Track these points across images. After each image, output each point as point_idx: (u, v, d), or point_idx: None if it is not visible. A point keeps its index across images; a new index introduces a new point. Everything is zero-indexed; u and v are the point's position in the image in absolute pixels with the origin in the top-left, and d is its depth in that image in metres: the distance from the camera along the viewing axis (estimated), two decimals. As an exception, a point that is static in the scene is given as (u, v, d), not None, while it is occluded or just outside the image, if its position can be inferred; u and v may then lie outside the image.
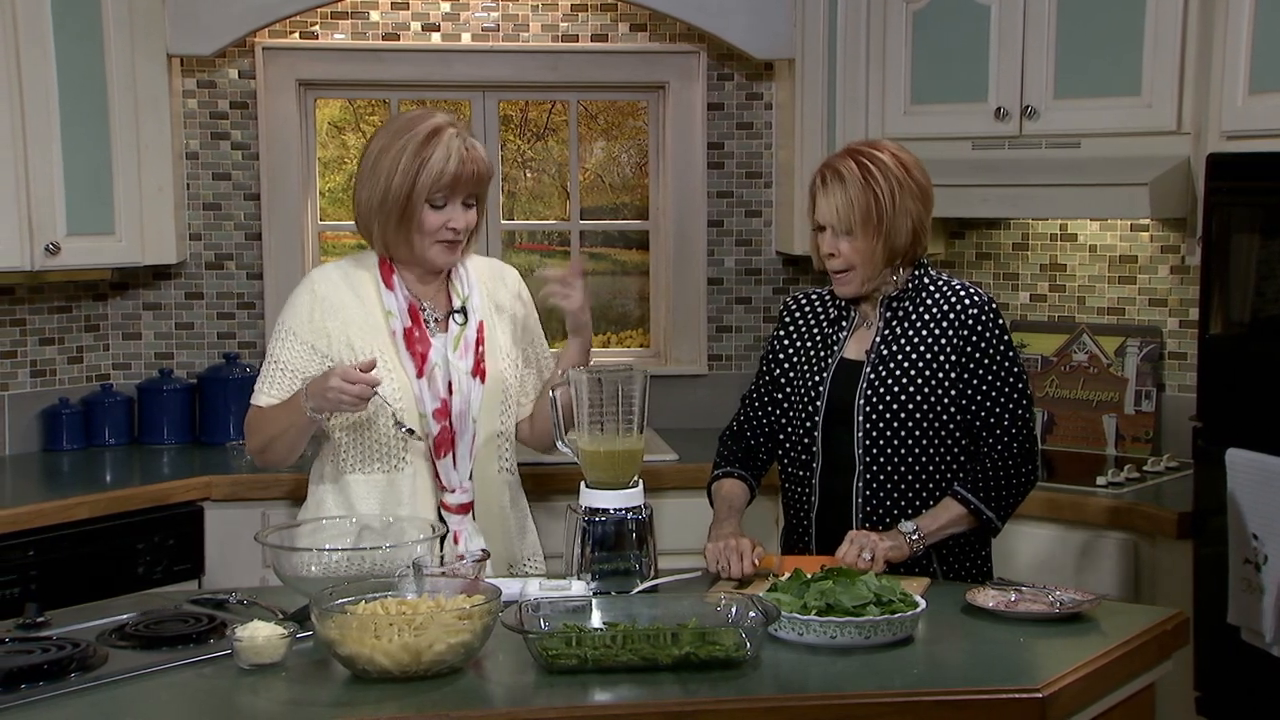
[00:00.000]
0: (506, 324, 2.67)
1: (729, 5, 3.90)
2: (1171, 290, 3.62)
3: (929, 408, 2.46)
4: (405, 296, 2.56)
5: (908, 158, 2.48)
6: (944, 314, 2.48)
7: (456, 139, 2.50)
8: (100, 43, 3.52)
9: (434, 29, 4.04)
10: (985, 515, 2.43)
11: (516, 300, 2.70)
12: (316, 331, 2.54)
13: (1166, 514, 3.00)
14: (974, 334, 2.46)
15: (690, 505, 3.57)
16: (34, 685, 1.87)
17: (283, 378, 2.54)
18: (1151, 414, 3.60)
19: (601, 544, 2.33)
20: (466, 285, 2.63)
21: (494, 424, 2.60)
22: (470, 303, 2.61)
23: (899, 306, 2.50)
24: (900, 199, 2.42)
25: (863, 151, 2.46)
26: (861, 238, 2.42)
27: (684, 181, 4.16)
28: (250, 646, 1.96)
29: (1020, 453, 2.46)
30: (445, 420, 2.53)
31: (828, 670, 1.97)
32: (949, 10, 3.55)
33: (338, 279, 2.60)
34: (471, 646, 1.93)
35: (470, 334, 2.58)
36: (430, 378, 2.52)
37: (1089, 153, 3.35)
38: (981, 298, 2.49)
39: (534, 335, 2.73)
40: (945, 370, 2.46)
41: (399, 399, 2.50)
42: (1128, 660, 2.07)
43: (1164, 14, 3.21)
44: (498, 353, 2.62)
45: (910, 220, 2.44)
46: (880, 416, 2.46)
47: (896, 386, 2.46)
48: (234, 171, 3.99)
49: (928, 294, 2.50)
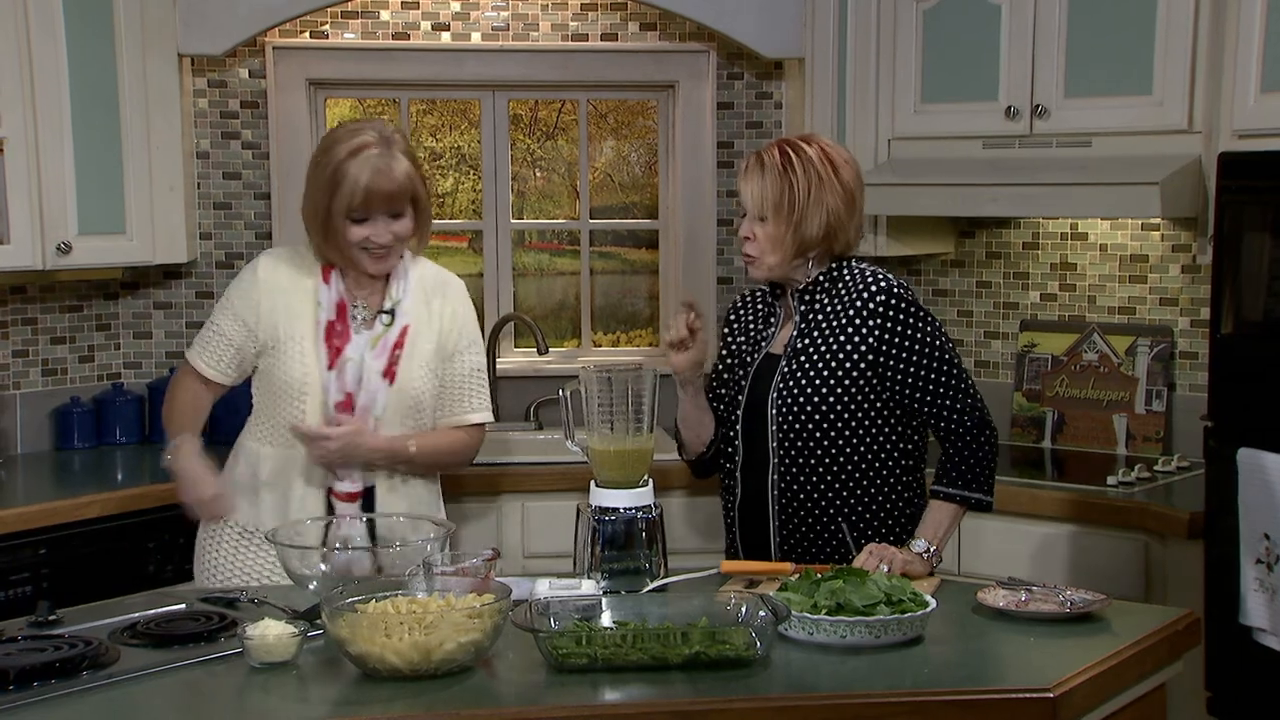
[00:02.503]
0: (434, 335, 2.69)
1: (739, 4, 3.90)
2: (1183, 289, 3.61)
3: (836, 401, 2.46)
4: (338, 293, 2.65)
5: (837, 155, 2.51)
6: (851, 303, 2.49)
7: (377, 157, 2.57)
8: (111, 42, 3.53)
9: (444, 28, 4.04)
10: (974, 499, 2.47)
11: (452, 316, 2.72)
12: (250, 308, 2.68)
13: (1178, 514, 3.00)
14: (886, 319, 2.46)
15: (700, 504, 3.58)
16: (46, 683, 1.88)
17: (215, 342, 2.70)
18: (1162, 413, 3.59)
19: (611, 543, 2.34)
20: (402, 289, 2.67)
21: (397, 428, 2.65)
22: (401, 306, 2.66)
23: (813, 299, 2.53)
24: (816, 192, 2.46)
25: (790, 142, 2.52)
26: (773, 224, 2.48)
27: (693, 180, 4.15)
28: (261, 645, 1.96)
29: (975, 424, 2.47)
30: (348, 413, 2.61)
31: (838, 670, 1.97)
32: (959, 9, 3.55)
33: (283, 263, 2.72)
34: (482, 645, 1.93)
35: (391, 336, 2.64)
36: (340, 371, 2.61)
37: (1100, 152, 3.34)
38: (889, 282, 2.49)
39: (454, 354, 2.72)
40: (862, 361, 2.46)
41: (308, 384, 2.62)
42: (1139, 660, 2.07)
43: (1175, 12, 3.21)
44: (416, 360, 2.67)
45: (824, 214, 2.46)
46: (790, 410, 2.48)
47: (805, 380, 2.48)
48: (244, 171, 4.00)
49: (841, 284, 2.52)
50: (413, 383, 2.66)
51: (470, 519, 3.38)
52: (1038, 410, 3.79)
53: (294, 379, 2.63)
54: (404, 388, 2.64)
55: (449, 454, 2.76)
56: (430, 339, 2.69)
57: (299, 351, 2.63)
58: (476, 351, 2.77)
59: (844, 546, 2.49)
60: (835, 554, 2.50)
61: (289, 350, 2.64)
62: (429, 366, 2.68)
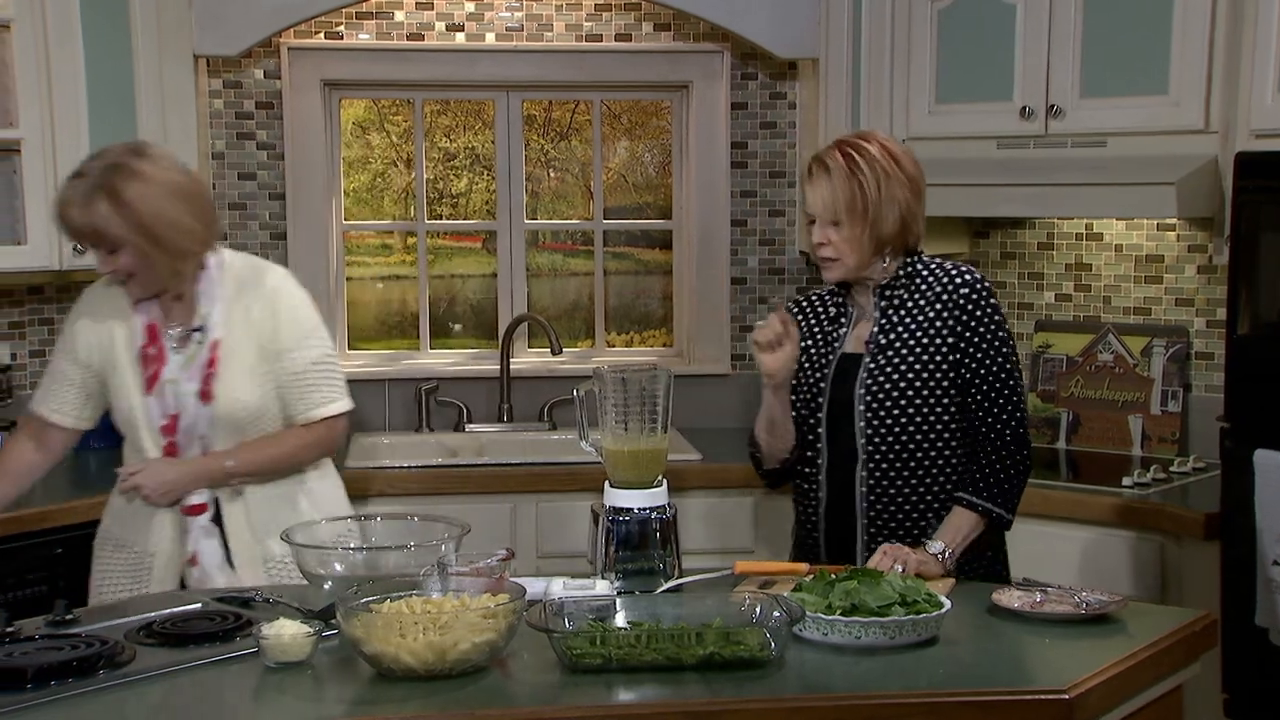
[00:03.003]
0: (253, 341, 2.59)
1: (753, 4, 3.90)
2: (1199, 290, 3.60)
3: (928, 393, 2.47)
4: (148, 316, 2.60)
5: (896, 148, 2.51)
6: (937, 296, 2.49)
7: (72, 190, 2.47)
8: (127, 44, 3.54)
9: (458, 29, 4.05)
10: (995, 514, 2.44)
11: (270, 316, 2.59)
12: (77, 343, 2.65)
13: (1193, 515, 2.98)
14: (966, 313, 2.47)
15: (714, 505, 3.58)
16: (63, 682, 1.89)
17: (56, 385, 2.68)
18: (1178, 414, 3.58)
19: (626, 543, 2.33)
20: (209, 301, 2.58)
21: (232, 443, 2.60)
22: (210, 321, 2.58)
23: (893, 295, 2.52)
24: (886, 188, 2.45)
25: (849, 143, 2.50)
26: (849, 226, 2.45)
27: (707, 181, 4.15)
28: (276, 644, 1.97)
29: (1014, 439, 2.46)
30: (172, 436, 2.59)
31: (852, 670, 1.96)
32: (974, 9, 3.54)
33: (102, 295, 2.66)
34: (496, 645, 1.94)
35: (203, 355, 2.57)
36: (159, 395, 2.58)
37: (1115, 152, 3.33)
38: (974, 275, 2.50)
39: (281, 353, 2.60)
40: (943, 353, 2.47)
41: (134, 411, 2.60)
42: (1155, 662, 2.06)
43: (1192, 12, 3.19)
44: (235, 374, 2.58)
45: (898, 208, 2.46)
46: (881, 405, 2.48)
47: (895, 375, 2.48)
48: (259, 171, 4.01)
49: (920, 279, 2.52)
50: (235, 397, 2.57)
51: (484, 519, 3.39)
52: (1052, 411, 3.78)
53: (122, 407, 2.61)
54: (225, 405, 2.57)
55: (289, 457, 2.64)
56: (250, 346, 2.58)
57: (123, 380, 2.60)
58: (312, 344, 2.62)
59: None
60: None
61: (115, 380, 2.61)
62: (253, 376, 2.59)
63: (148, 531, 2.63)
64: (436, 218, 4.25)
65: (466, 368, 4.14)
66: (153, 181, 2.47)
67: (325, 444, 2.68)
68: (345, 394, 2.68)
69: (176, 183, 2.50)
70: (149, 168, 2.47)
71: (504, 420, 4.05)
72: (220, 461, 2.58)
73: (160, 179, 2.48)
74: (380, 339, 4.27)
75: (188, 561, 2.59)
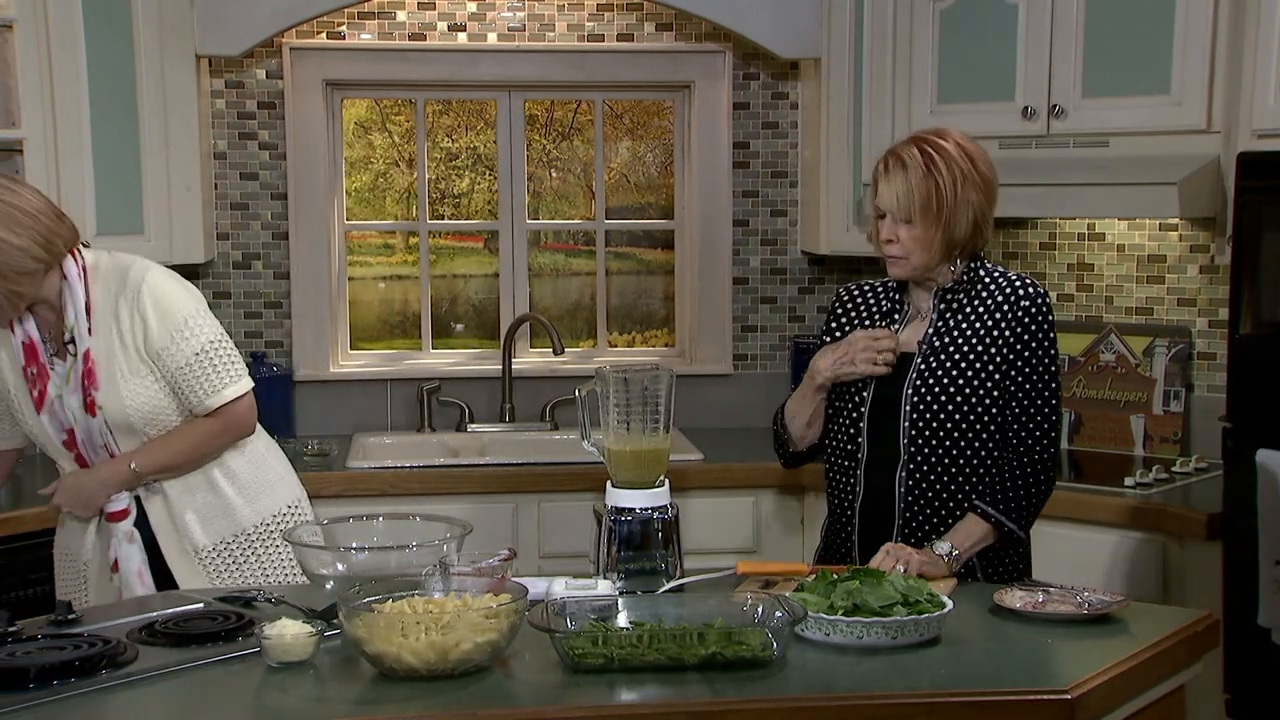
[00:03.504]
0: (128, 344, 2.53)
1: (755, 4, 3.90)
2: (1201, 290, 3.60)
3: (976, 401, 2.44)
4: (24, 334, 2.53)
5: (974, 149, 2.45)
6: (998, 305, 2.46)
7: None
8: (130, 44, 3.55)
9: (460, 29, 4.05)
10: (1007, 527, 2.42)
11: (137, 317, 2.52)
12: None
13: (1196, 515, 2.98)
14: (1023, 327, 2.44)
15: (716, 504, 3.58)
16: (66, 681, 1.89)
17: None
18: (1180, 414, 3.58)
19: (628, 543, 2.33)
20: (73, 311, 2.51)
21: (135, 444, 2.58)
22: (77, 330, 2.52)
23: (953, 299, 2.48)
24: (963, 190, 2.40)
25: (928, 140, 2.44)
26: (921, 226, 2.40)
27: (709, 181, 4.15)
28: (279, 644, 1.97)
29: (1040, 457, 2.44)
30: (75, 449, 2.57)
31: (854, 670, 1.96)
32: (976, 9, 3.54)
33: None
34: (498, 645, 1.94)
35: (79, 367, 2.52)
36: (50, 412, 2.55)
37: (1117, 152, 3.33)
38: (1038, 290, 2.47)
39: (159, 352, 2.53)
40: (996, 363, 2.44)
41: (35, 431, 2.58)
42: (1157, 662, 2.06)
43: (1194, 11, 3.19)
44: (116, 380, 2.53)
45: (971, 212, 2.41)
46: (928, 408, 2.45)
47: (946, 379, 2.45)
48: (261, 171, 4.01)
49: (982, 286, 2.48)
50: (120, 404, 2.53)
51: (486, 519, 3.39)
52: (1055, 411, 3.78)
53: (27, 428, 2.60)
54: (111, 413, 2.53)
55: (193, 449, 2.59)
56: (127, 351, 2.53)
57: (17, 402, 2.58)
58: (186, 336, 2.54)
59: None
60: None
61: (11, 403, 2.60)
62: (136, 379, 2.54)
63: (80, 541, 2.65)
64: (438, 218, 4.25)
65: (468, 368, 4.14)
66: None
67: (231, 430, 2.62)
68: (238, 375, 2.59)
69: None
70: None
71: (506, 420, 4.05)
72: (126, 464, 2.56)
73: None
74: (382, 339, 4.27)
75: (111, 569, 2.58)
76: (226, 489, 2.65)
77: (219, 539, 2.63)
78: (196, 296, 2.61)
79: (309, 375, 4.05)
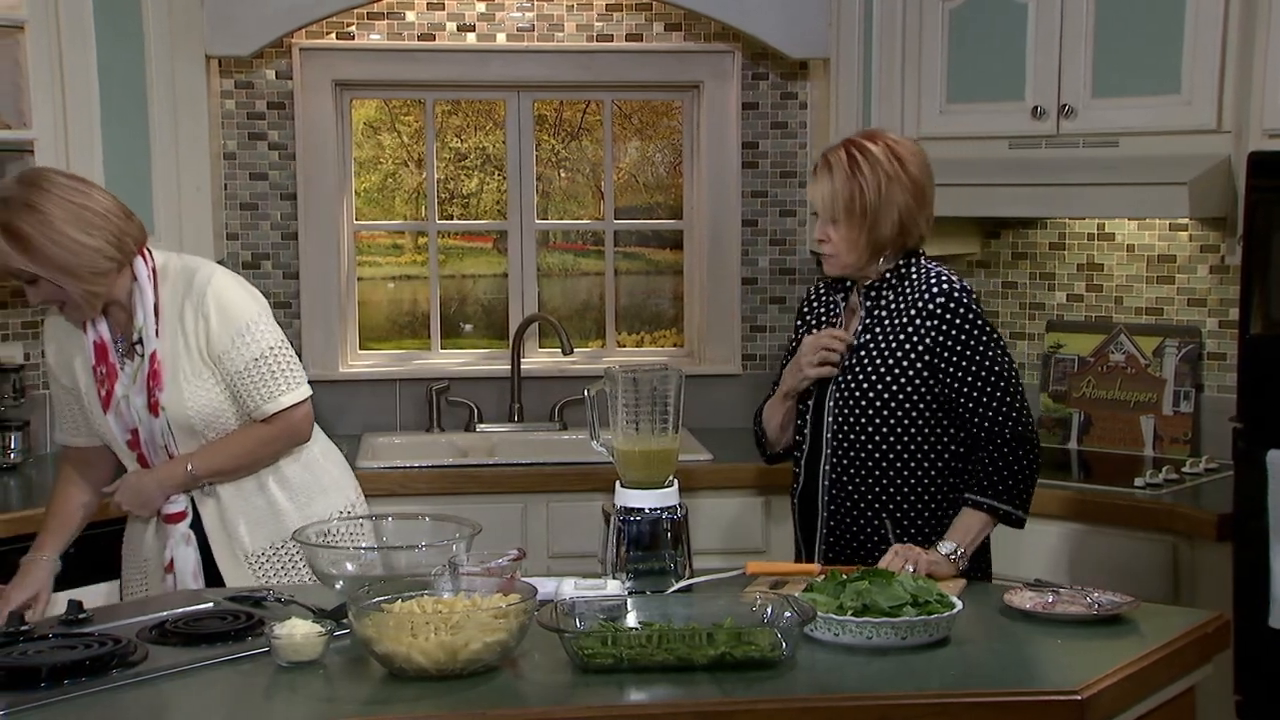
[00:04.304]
0: (192, 347, 2.56)
1: (764, 4, 3.89)
2: (1211, 290, 3.59)
3: (901, 398, 2.49)
4: (97, 334, 2.57)
5: (905, 151, 2.52)
6: (914, 303, 2.51)
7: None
8: (140, 44, 3.55)
9: (469, 29, 4.05)
10: (1001, 510, 2.45)
11: (201, 319, 2.55)
12: (54, 368, 2.68)
13: (1206, 516, 2.98)
14: (944, 321, 2.48)
15: (725, 504, 3.58)
16: (77, 681, 1.89)
17: (60, 409, 2.71)
18: (1190, 415, 3.57)
19: (637, 543, 2.33)
20: (142, 312, 2.54)
21: (194, 446, 2.59)
22: (145, 332, 2.55)
23: (880, 296, 2.55)
24: (888, 191, 2.47)
25: (855, 143, 2.52)
26: (846, 226, 2.49)
27: (718, 181, 4.15)
28: (289, 644, 1.97)
29: (1015, 437, 2.46)
30: (139, 448, 2.61)
31: (864, 671, 1.96)
32: (986, 8, 3.53)
33: (61, 320, 2.63)
34: (507, 645, 1.94)
35: (145, 368, 2.55)
36: (116, 412, 2.58)
37: (1127, 152, 3.32)
38: (951, 284, 2.50)
39: (221, 355, 2.56)
40: (924, 361, 2.48)
41: (103, 429, 2.62)
42: (1168, 663, 2.05)
43: (1205, 11, 3.18)
44: (180, 382, 2.55)
45: (896, 212, 2.48)
46: (847, 403, 2.51)
47: (862, 374, 2.51)
48: (271, 171, 4.02)
49: (909, 283, 2.53)
50: (183, 406, 2.55)
51: (495, 519, 3.38)
52: (1064, 411, 3.77)
53: (96, 427, 2.63)
54: (174, 414, 2.56)
55: (248, 454, 2.61)
56: (190, 353, 2.56)
57: (89, 401, 2.61)
58: (248, 340, 2.56)
59: (885, 541, 2.50)
60: (878, 549, 2.50)
61: (85, 401, 2.63)
62: (198, 381, 2.56)
63: (141, 541, 2.68)
64: (447, 218, 4.25)
65: (477, 368, 4.15)
66: (45, 210, 2.41)
67: (286, 436, 2.64)
68: (298, 383, 2.61)
69: (71, 206, 2.43)
70: (39, 197, 2.42)
71: (515, 420, 4.06)
72: (183, 466, 2.58)
73: (53, 206, 2.42)
74: (391, 339, 4.27)
75: (165, 569, 2.60)
76: (278, 495, 2.66)
77: (267, 544, 2.64)
78: (260, 302, 2.64)
79: (318, 375, 4.04)
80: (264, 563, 2.64)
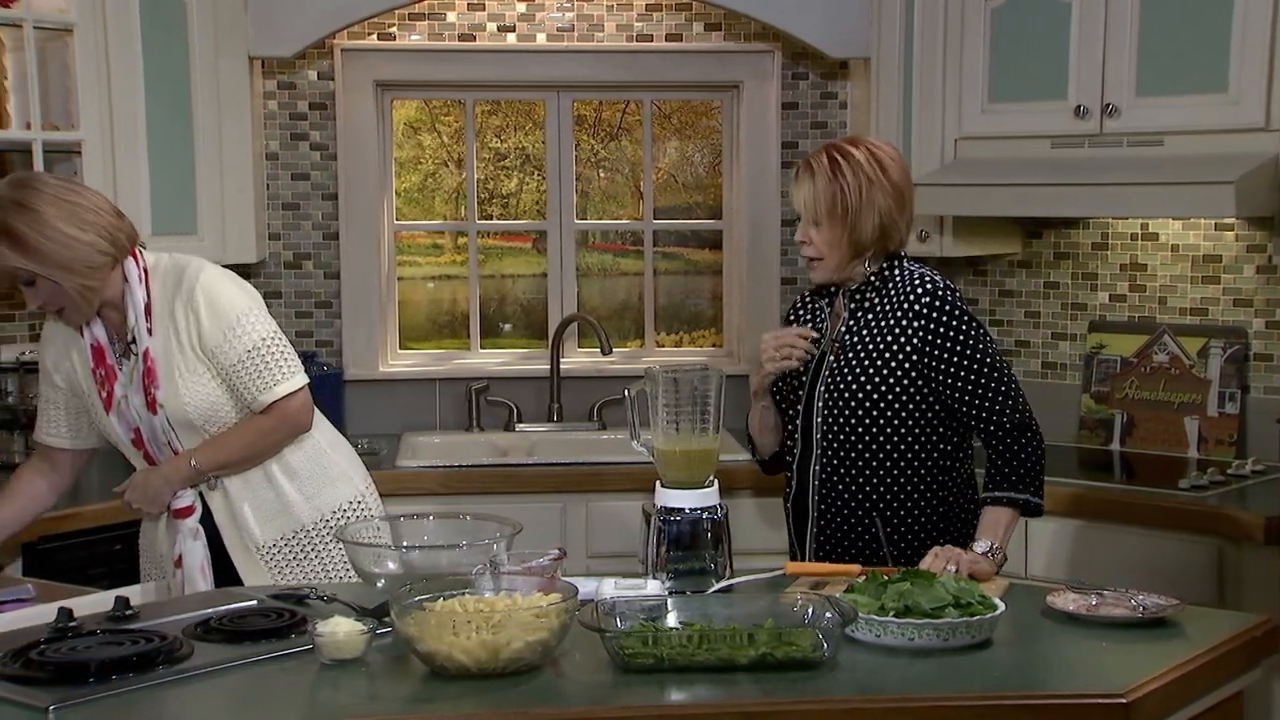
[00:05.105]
0: (184, 344, 2.57)
1: (804, 4, 3.89)
2: (1257, 290, 3.55)
3: (890, 399, 2.50)
4: (93, 336, 2.60)
5: (886, 156, 2.55)
6: (899, 304, 2.52)
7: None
8: (185, 46, 3.59)
9: (509, 29, 4.06)
10: (1020, 500, 2.47)
11: (191, 315, 2.55)
12: (49, 368, 2.70)
13: (1253, 518, 2.94)
14: (930, 320, 2.49)
15: (765, 505, 3.57)
16: (124, 676, 1.91)
17: (45, 410, 2.73)
18: (1236, 416, 3.53)
19: (677, 543, 2.33)
20: (134, 312, 2.56)
21: (197, 441, 2.61)
22: (137, 331, 2.56)
23: (864, 298, 2.56)
24: (868, 194, 2.50)
25: (837, 146, 2.56)
26: (828, 228, 2.52)
27: (757, 181, 4.14)
28: (331, 642, 1.98)
29: (1015, 426, 2.48)
30: (143, 447, 2.63)
31: (905, 672, 1.95)
32: (1028, 7, 3.51)
33: (59, 324, 2.66)
34: (549, 645, 1.94)
35: (139, 367, 2.57)
36: (119, 412, 2.60)
37: (1172, 151, 3.29)
38: (935, 284, 2.51)
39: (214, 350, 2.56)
40: (910, 362, 2.49)
41: (106, 429, 2.65)
42: (1214, 667, 2.03)
43: (1253, 8, 3.15)
44: (176, 378, 2.57)
45: (877, 215, 2.50)
46: (835, 405, 2.53)
47: (849, 377, 2.52)
48: (312, 172, 4.05)
49: (892, 285, 2.55)
50: (180, 402, 2.57)
51: (534, 519, 3.39)
52: (1106, 412, 3.74)
53: (102, 428, 2.66)
54: (172, 411, 2.58)
55: (249, 447, 2.61)
56: (184, 349, 2.57)
57: (91, 403, 2.64)
58: (239, 333, 2.56)
59: (875, 542, 2.52)
60: (867, 549, 2.52)
61: (87, 403, 2.66)
62: (196, 376, 2.58)
63: (154, 538, 2.71)
64: (487, 218, 4.27)
65: (516, 367, 4.16)
66: (38, 208, 2.44)
67: (286, 426, 2.63)
68: (292, 372, 2.61)
69: (63, 203, 2.46)
70: (31, 197, 2.45)
71: (554, 420, 4.07)
72: (188, 461, 2.60)
73: (45, 204, 2.44)
74: (431, 338, 4.29)
75: (175, 564, 2.62)
76: (285, 485, 2.67)
77: (279, 535, 2.66)
78: (251, 294, 2.63)
79: (358, 375, 4.08)
80: (276, 554, 2.66)
